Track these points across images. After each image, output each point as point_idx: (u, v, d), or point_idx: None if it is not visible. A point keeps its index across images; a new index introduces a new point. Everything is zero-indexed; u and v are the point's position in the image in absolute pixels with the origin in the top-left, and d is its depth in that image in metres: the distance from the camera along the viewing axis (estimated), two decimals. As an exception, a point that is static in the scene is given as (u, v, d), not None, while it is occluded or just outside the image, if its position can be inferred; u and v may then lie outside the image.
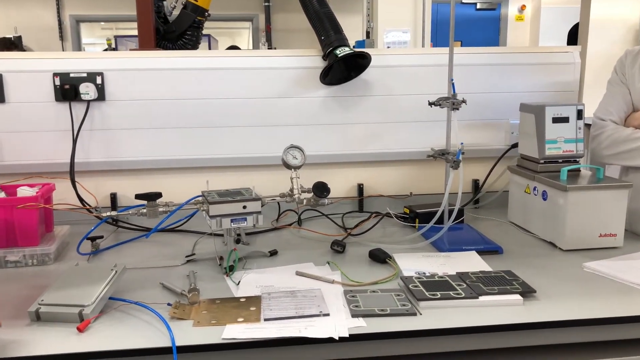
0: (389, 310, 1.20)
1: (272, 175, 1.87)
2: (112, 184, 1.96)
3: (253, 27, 8.14)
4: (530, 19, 7.38)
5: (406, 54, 2.06)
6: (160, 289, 1.35)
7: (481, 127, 2.08)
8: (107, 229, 1.86)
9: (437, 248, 1.63)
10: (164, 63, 1.91)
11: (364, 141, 2.04)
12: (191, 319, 1.18)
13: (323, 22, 1.90)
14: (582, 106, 1.73)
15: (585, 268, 1.45)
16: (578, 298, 1.28)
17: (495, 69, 2.06)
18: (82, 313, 1.16)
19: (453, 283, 1.31)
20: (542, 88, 2.08)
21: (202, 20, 2.20)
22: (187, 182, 1.97)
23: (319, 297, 1.28)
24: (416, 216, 1.83)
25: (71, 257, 1.61)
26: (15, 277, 1.46)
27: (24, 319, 1.18)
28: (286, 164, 1.60)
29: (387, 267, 1.48)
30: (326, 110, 2.00)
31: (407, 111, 2.03)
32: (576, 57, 2.08)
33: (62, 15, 7.55)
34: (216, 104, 1.94)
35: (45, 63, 1.86)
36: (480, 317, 1.18)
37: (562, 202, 1.59)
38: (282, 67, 1.96)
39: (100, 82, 1.87)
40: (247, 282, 1.39)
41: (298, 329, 1.12)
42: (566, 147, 1.73)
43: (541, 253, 1.60)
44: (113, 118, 1.91)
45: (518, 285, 1.29)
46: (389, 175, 2.09)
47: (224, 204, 1.46)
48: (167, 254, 1.63)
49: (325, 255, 1.59)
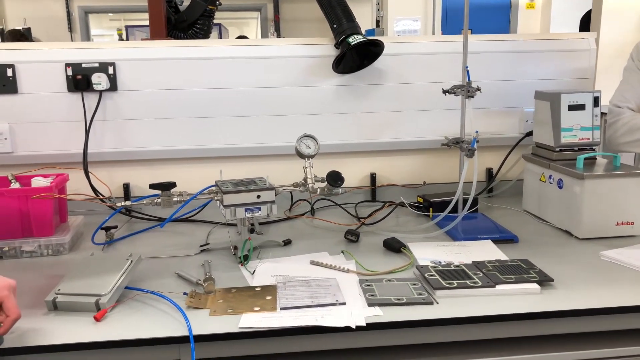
0: (406, 299, 1.19)
1: (285, 165, 1.86)
2: (125, 174, 1.96)
3: (261, 17, 8.11)
4: (542, 6, 7.28)
5: (419, 42, 2.03)
6: (175, 279, 1.36)
7: (495, 115, 2.06)
8: (121, 219, 1.87)
9: (451, 237, 1.62)
10: (176, 53, 1.91)
11: (377, 130, 2.02)
12: (207, 308, 1.18)
13: (335, 10, 1.88)
14: (598, 93, 1.71)
15: (603, 257, 1.44)
16: (596, 287, 1.27)
17: (509, 56, 2.03)
18: (98, 302, 1.16)
19: (469, 272, 1.30)
20: (557, 75, 2.05)
21: (213, 10, 2.19)
22: (200, 172, 1.97)
23: (335, 286, 1.28)
24: (430, 205, 1.82)
25: (86, 247, 1.62)
26: (31, 267, 1.47)
27: (41, 308, 1.19)
28: (299, 153, 1.59)
29: (402, 256, 1.48)
30: (339, 99, 1.99)
31: (420, 99, 2.01)
32: (592, 43, 2.05)
33: (70, 7, 7.56)
34: (229, 93, 1.93)
35: (57, 53, 1.86)
36: (498, 306, 1.17)
37: (578, 191, 1.57)
38: (294, 56, 1.95)
39: (112, 72, 1.86)
40: (262, 271, 1.39)
41: (315, 318, 1.12)
42: (582, 135, 1.71)
43: (557, 242, 1.58)
44: (125, 108, 1.90)
45: (535, 274, 1.28)
46: (402, 165, 2.08)
47: (238, 194, 1.46)
48: (181, 244, 1.63)
49: (339, 245, 1.59)
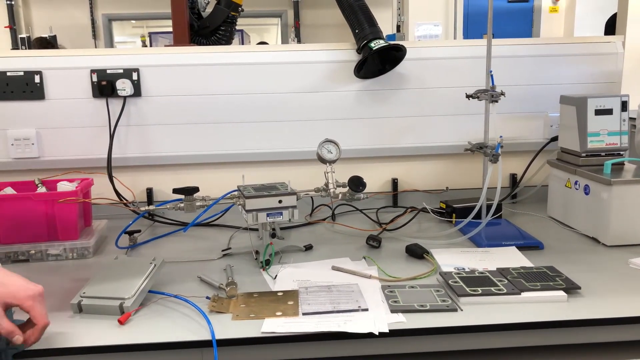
0: (429, 305, 1.18)
1: (306, 170, 1.86)
2: (148, 178, 1.98)
3: (282, 23, 8.15)
4: (565, 10, 7.18)
5: (441, 46, 2.02)
6: (197, 283, 1.36)
7: (519, 120, 2.03)
8: (144, 223, 1.89)
9: (475, 243, 1.60)
10: (199, 59, 1.92)
11: (398, 135, 2.01)
12: (230, 312, 1.18)
13: (357, 15, 1.88)
14: (626, 97, 1.67)
15: (632, 264, 1.41)
16: (624, 295, 1.24)
17: (533, 60, 2.00)
18: (122, 306, 1.17)
19: (494, 279, 1.28)
20: (583, 79, 2.02)
21: (236, 16, 2.20)
22: (223, 177, 1.98)
23: (357, 292, 1.27)
24: (453, 211, 1.80)
25: (110, 250, 1.63)
26: (56, 270, 1.49)
27: (67, 310, 1.20)
28: (321, 158, 1.59)
29: (425, 263, 1.46)
30: (360, 104, 1.98)
31: (443, 104, 1.99)
32: (619, 47, 2.01)
33: (94, 15, 7.70)
34: (251, 98, 1.94)
35: (83, 60, 1.89)
36: (523, 313, 1.15)
37: (606, 197, 1.54)
38: (316, 62, 1.95)
39: (137, 78, 1.89)
40: (284, 276, 1.39)
41: (337, 324, 1.11)
42: (609, 140, 1.68)
43: (584, 249, 1.55)
44: (149, 113, 1.92)
45: (561, 282, 1.26)
46: (424, 170, 2.06)
47: (260, 199, 1.46)
48: (204, 248, 1.64)
49: (361, 250, 1.58)
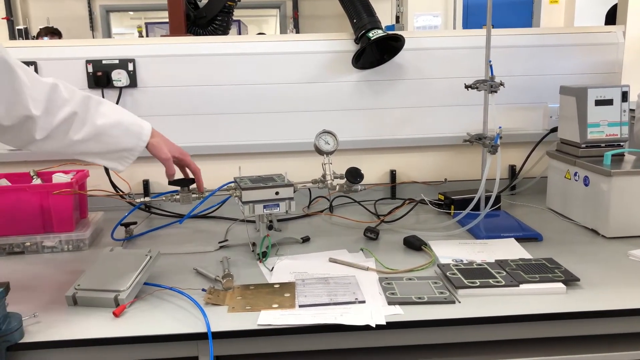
0: (427, 298, 1.17)
1: (303, 162, 1.84)
2: (145, 170, 1.96)
3: (280, 14, 8.11)
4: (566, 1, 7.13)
5: (439, 37, 2.00)
6: (194, 275, 1.35)
7: (518, 111, 2.02)
8: (140, 215, 1.87)
9: (473, 235, 1.59)
10: (195, 49, 1.90)
11: (397, 126, 1.99)
12: (226, 304, 1.17)
13: (355, 5, 1.86)
14: (627, 88, 1.66)
15: (631, 256, 1.40)
16: (624, 287, 1.23)
17: (532, 50, 1.98)
18: (117, 298, 1.16)
19: (492, 271, 1.27)
20: (583, 70, 2.00)
21: (232, 6, 2.18)
22: (219, 169, 1.95)
23: (354, 284, 1.26)
24: (451, 203, 1.79)
25: (105, 242, 1.62)
26: (51, 262, 1.48)
27: (62, 303, 1.19)
28: (318, 150, 1.57)
29: (423, 255, 1.45)
30: (358, 95, 1.96)
31: (441, 95, 1.98)
32: (619, 37, 1.99)
33: (92, 6, 7.68)
34: (247, 89, 1.92)
35: (78, 50, 1.87)
36: (522, 305, 1.14)
37: (605, 188, 1.53)
38: (313, 52, 1.93)
39: (132, 69, 1.87)
40: (281, 268, 1.38)
41: (334, 316, 1.10)
42: (609, 131, 1.66)
43: (583, 240, 1.54)
44: (145, 104, 1.91)
45: (560, 273, 1.25)
46: (422, 161, 2.05)
47: (256, 190, 1.44)
48: (200, 240, 1.63)
49: (359, 242, 1.57)
